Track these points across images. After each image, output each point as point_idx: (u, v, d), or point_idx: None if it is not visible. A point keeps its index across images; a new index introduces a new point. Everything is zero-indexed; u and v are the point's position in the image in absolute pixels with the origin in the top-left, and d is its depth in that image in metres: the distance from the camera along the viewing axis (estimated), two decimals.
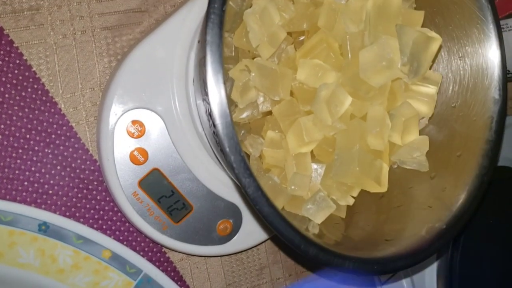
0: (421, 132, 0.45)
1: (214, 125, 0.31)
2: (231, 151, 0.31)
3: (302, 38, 0.43)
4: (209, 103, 0.31)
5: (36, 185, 0.43)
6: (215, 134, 0.31)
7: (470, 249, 0.53)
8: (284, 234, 0.33)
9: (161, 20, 0.47)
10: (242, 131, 0.40)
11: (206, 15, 0.31)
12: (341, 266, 0.35)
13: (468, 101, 0.44)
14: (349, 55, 0.38)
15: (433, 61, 0.44)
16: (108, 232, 0.46)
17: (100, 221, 0.45)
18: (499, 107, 0.42)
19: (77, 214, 0.44)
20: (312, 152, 0.42)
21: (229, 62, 0.40)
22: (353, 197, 0.42)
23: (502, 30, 0.55)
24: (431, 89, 0.41)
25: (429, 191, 0.43)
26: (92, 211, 0.45)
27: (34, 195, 0.43)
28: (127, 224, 0.46)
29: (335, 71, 0.38)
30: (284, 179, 0.41)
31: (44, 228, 0.41)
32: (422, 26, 0.45)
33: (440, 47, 0.42)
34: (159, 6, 0.48)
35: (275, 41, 0.38)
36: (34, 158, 0.43)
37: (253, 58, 0.41)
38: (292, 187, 0.40)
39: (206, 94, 0.31)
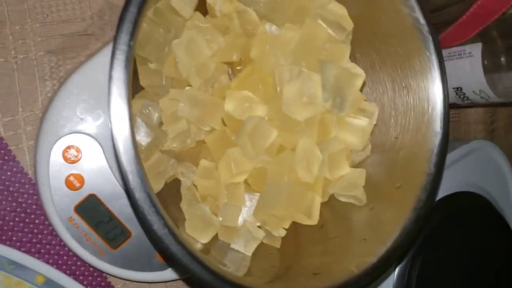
0: (362, 163, 0.45)
1: (118, 162, 0.30)
2: (135, 189, 0.30)
3: (241, 67, 0.42)
4: (113, 140, 0.30)
5: None
6: (120, 170, 0.31)
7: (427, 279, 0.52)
8: (192, 273, 0.32)
9: (106, 44, 0.46)
10: (172, 161, 0.39)
11: (112, 51, 0.30)
12: None
13: (410, 133, 0.43)
14: (277, 88, 0.38)
15: (370, 90, 0.44)
16: (46, 256, 0.45)
17: (38, 245, 0.45)
18: (439, 140, 0.41)
19: (14, 238, 0.44)
20: (247, 181, 0.41)
21: (160, 91, 0.40)
22: (285, 229, 0.41)
23: (460, 56, 0.55)
24: (364, 122, 0.40)
25: (367, 223, 0.43)
26: (30, 235, 0.45)
27: None
28: (66, 248, 0.46)
29: (263, 103, 0.38)
30: (218, 209, 0.41)
31: None
32: (366, 52, 0.44)
33: (364, 83, 0.42)
34: (106, 29, 0.48)
35: (204, 72, 0.38)
36: None
37: (188, 86, 0.40)
38: (221, 218, 0.39)
39: (111, 130, 0.30)
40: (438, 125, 0.42)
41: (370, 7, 0.43)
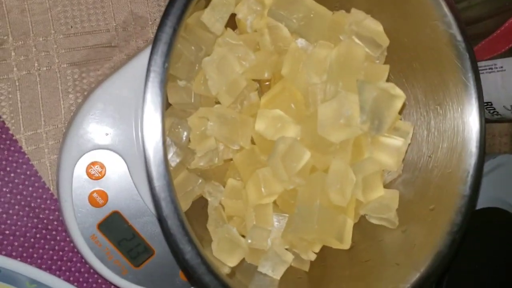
0: (394, 181, 0.44)
1: (151, 188, 0.29)
2: (168, 216, 0.29)
3: (269, 83, 0.41)
4: (146, 165, 0.29)
5: None
6: (153, 196, 0.30)
7: None
8: None
9: (131, 56, 0.45)
10: (200, 180, 0.38)
11: (146, 73, 0.29)
12: None
13: (444, 152, 0.42)
14: (311, 108, 0.36)
15: (403, 109, 0.42)
16: (67, 273, 0.44)
17: (59, 262, 0.44)
18: (475, 160, 0.40)
19: (35, 255, 0.43)
20: (275, 201, 0.40)
21: (188, 108, 0.39)
22: (315, 253, 0.40)
23: (491, 70, 0.53)
24: (399, 142, 0.39)
25: (399, 246, 0.41)
26: (51, 252, 0.44)
27: None
28: (87, 266, 0.45)
29: (295, 123, 0.37)
30: (245, 229, 0.40)
31: None
32: (399, 69, 0.43)
33: (404, 104, 0.40)
34: (130, 41, 0.47)
35: (235, 90, 0.37)
36: None
37: (217, 103, 0.39)
38: (250, 241, 0.38)
39: (144, 155, 0.29)
40: (473, 145, 0.40)
41: (404, 22, 0.41)
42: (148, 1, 0.47)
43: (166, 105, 0.39)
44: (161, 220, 0.29)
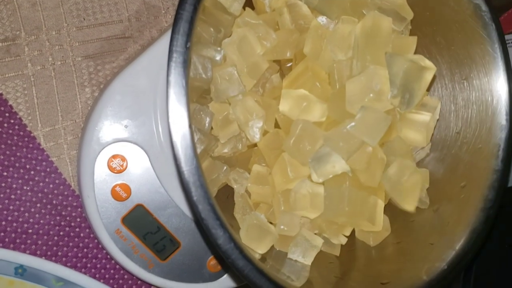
0: (422, 161, 0.42)
1: (179, 173, 0.28)
2: (198, 201, 0.28)
3: (290, 64, 0.40)
4: (174, 150, 0.28)
5: (14, 224, 0.41)
6: (182, 181, 0.29)
7: (484, 280, 0.50)
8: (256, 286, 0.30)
9: (145, 46, 0.44)
10: (224, 167, 0.37)
11: (168, 54, 0.28)
12: None
13: (473, 127, 0.40)
14: (337, 85, 0.35)
15: (431, 85, 0.41)
16: (93, 270, 0.43)
17: (84, 259, 0.43)
18: (506, 133, 0.39)
19: (59, 253, 0.42)
20: None
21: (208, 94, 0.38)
22: (346, 236, 0.39)
23: (508, 46, 0.52)
24: (426, 117, 0.37)
25: (431, 225, 0.40)
26: (75, 249, 0.43)
27: (13, 235, 0.41)
28: (113, 261, 0.44)
29: (321, 102, 0.35)
30: (273, 216, 0.39)
31: (21, 272, 0.39)
32: (422, 45, 0.42)
33: (435, 77, 0.39)
34: (144, 31, 0.46)
35: (256, 72, 0.36)
36: (12, 196, 0.41)
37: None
38: (282, 227, 0.37)
39: (171, 139, 0.28)
40: (503, 118, 0.39)
41: None
42: None
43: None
44: (191, 205, 0.28)
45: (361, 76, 0.33)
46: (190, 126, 0.28)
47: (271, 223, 0.38)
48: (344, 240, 0.39)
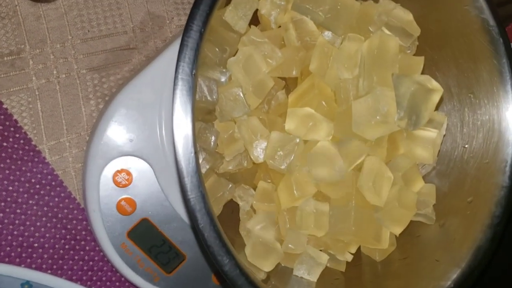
0: (428, 175, 0.42)
1: (185, 200, 0.28)
2: (204, 228, 0.28)
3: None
4: (180, 176, 0.28)
5: (20, 239, 0.41)
6: (188, 208, 0.28)
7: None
8: None
9: (150, 58, 0.44)
10: (230, 185, 0.37)
11: (174, 81, 0.28)
12: None
13: (480, 142, 0.40)
14: (343, 104, 0.35)
15: (439, 105, 0.40)
16: (98, 283, 0.44)
17: (89, 273, 0.43)
18: None
19: (65, 267, 0.43)
20: None
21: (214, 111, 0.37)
22: (351, 253, 0.39)
23: None
24: (433, 133, 0.37)
25: (438, 241, 0.40)
26: (80, 262, 0.43)
27: (19, 249, 0.41)
28: (118, 274, 0.44)
29: (327, 120, 0.35)
30: (278, 232, 0.39)
31: (27, 287, 0.39)
32: (429, 58, 0.41)
33: (442, 97, 0.39)
34: (148, 42, 0.46)
35: (262, 90, 0.36)
36: (18, 211, 0.41)
37: None
38: (289, 245, 0.37)
39: (177, 166, 0.28)
40: (511, 134, 0.38)
41: (433, 9, 0.40)
42: None
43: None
44: (197, 232, 0.28)
45: (368, 98, 0.33)
46: (195, 153, 0.28)
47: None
48: (350, 258, 0.39)
